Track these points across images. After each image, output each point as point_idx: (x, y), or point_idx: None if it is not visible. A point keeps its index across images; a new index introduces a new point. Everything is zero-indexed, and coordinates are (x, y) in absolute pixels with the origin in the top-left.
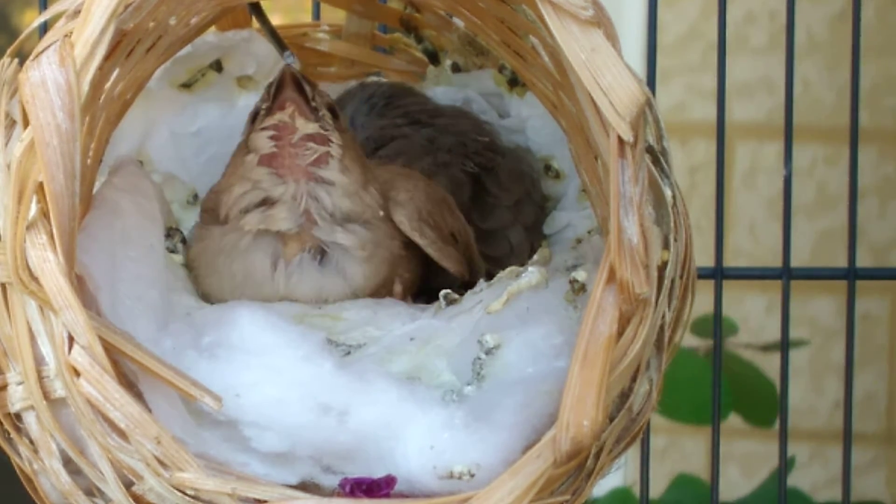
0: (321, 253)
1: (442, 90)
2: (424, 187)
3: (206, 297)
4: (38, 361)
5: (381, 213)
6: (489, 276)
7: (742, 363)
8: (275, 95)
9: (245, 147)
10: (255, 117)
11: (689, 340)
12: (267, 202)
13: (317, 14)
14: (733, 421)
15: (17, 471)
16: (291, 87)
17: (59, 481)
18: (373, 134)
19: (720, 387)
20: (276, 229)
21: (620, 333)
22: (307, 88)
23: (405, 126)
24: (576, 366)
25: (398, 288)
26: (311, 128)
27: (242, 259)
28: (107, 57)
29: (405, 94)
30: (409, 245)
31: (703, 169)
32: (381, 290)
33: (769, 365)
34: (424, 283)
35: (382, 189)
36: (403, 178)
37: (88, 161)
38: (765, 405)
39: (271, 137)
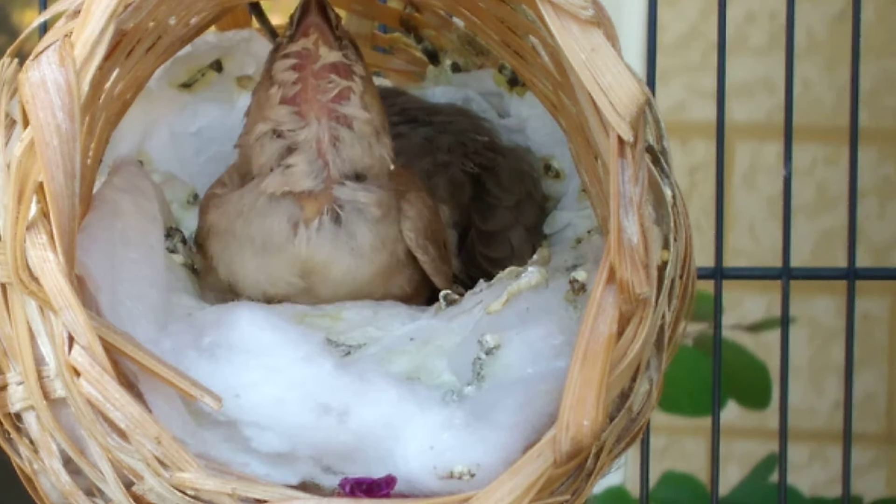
0: (337, 217)
1: (442, 90)
2: (427, 199)
3: (225, 270)
4: (38, 361)
5: (392, 167)
6: (490, 278)
7: (731, 347)
8: (298, 21)
9: (268, 79)
10: (277, 49)
11: None
12: (289, 150)
13: None
14: (730, 410)
15: (17, 471)
16: (316, 12)
17: (59, 481)
18: None
19: (719, 383)
20: (299, 190)
21: (620, 333)
22: (332, 16)
23: (402, 125)
24: (576, 366)
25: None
26: (335, 56)
27: (261, 221)
28: (107, 57)
29: (397, 94)
30: (411, 255)
31: (703, 169)
32: (382, 286)
33: (756, 345)
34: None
35: (395, 195)
36: (413, 191)
37: (88, 161)
38: (758, 387)
39: (294, 67)
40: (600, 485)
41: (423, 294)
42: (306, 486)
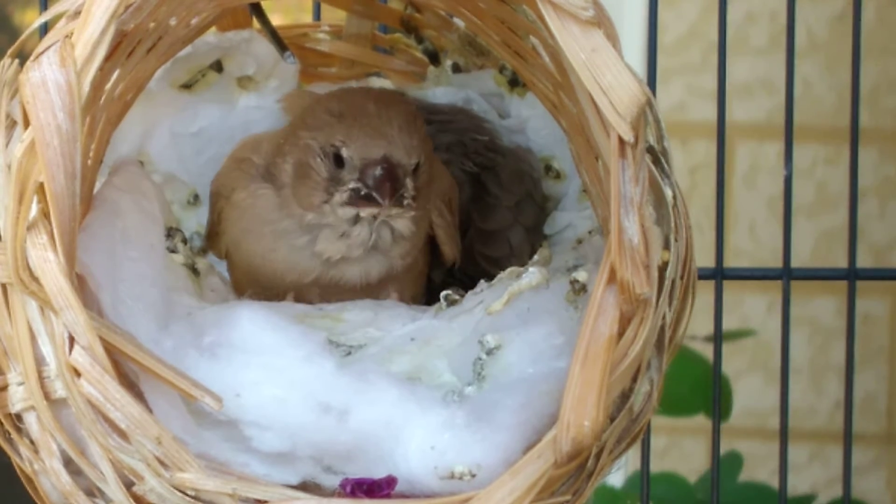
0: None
1: (442, 90)
2: (447, 171)
3: (235, 247)
4: (39, 362)
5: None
6: (489, 277)
7: (694, 356)
8: (370, 194)
9: (325, 173)
10: (336, 157)
11: None
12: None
13: (317, 14)
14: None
15: (18, 471)
16: (389, 194)
17: (59, 481)
18: None
19: (719, 383)
20: (354, 256)
21: (621, 334)
22: (402, 184)
23: None
24: (576, 366)
25: (395, 295)
26: (395, 212)
27: (289, 250)
28: (107, 57)
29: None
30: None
31: (703, 169)
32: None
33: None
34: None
35: None
36: (436, 161)
37: (89, 161)
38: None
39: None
40: None
41: (421, 282)
42: (307, 486)
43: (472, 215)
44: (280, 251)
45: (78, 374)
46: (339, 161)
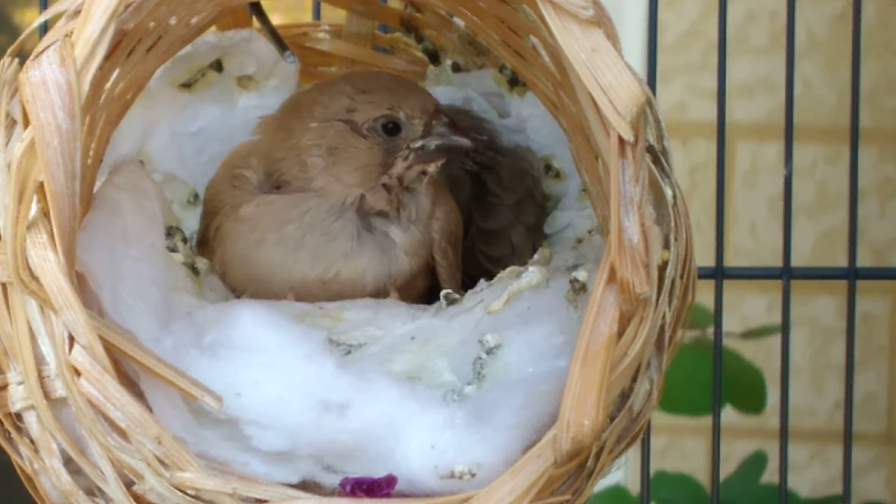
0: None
1: (442, 90)
2: (455, 208)
3: (243, 264)
4: (39, 361)
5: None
6: (490, 276)
7: (725, 352)
8: (445, 144)
9: (376, 148)
10: (386, 126)
11: None
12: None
13: (317, 14)
14: (726, 412)
15: (18, 470)
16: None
17: (59, 481)
18: None
19: (720, 384)
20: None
21: (621, 333)
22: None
23: None
24: (576, 365)
25: (395, 294)
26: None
27: (322, 240)
28: (107, 57)
29: None
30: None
31: (703, 169)
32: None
33: (750, 352)
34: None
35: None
36: (443, 197)
37: (89, 161)
38: (753, 392)
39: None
40: (600, 484)
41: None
42: (307, 485)
43: (473, 215)
44: (306, 248)
45: (78, 373)
46: (390, 129)
